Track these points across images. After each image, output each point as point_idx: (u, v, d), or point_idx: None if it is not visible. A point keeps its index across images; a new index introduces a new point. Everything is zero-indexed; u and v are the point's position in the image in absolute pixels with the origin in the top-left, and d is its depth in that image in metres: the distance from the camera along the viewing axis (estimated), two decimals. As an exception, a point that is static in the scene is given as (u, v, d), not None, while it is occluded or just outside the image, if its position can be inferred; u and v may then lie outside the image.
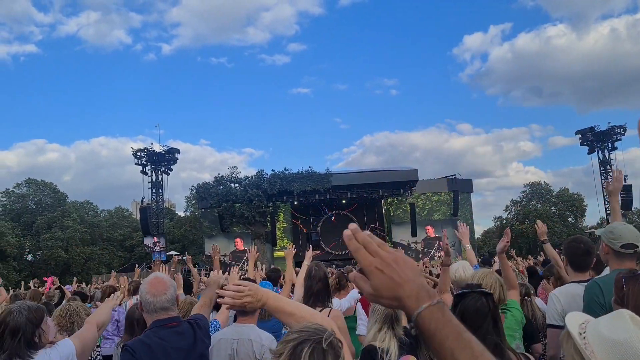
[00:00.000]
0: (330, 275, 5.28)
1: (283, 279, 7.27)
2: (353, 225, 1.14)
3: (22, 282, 16.76)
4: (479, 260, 8.93)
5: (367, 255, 1.11)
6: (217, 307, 5.06)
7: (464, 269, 4.49)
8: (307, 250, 5.20)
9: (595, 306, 3.07)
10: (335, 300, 5.17)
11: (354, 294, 5.80)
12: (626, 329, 1.54)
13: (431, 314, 1.05)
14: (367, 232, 1.13)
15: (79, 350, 3.07)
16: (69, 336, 3.38)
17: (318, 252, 5.23)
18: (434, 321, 1.04)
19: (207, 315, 3.38)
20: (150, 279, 3.00)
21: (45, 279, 12.99)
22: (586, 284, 3.50)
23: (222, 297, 2.10)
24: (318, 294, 4.20)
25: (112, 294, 4.67)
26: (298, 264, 6.51)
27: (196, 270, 7.75)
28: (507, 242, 4.17)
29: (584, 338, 1.61)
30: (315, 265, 4.38)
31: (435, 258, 35.27)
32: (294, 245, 6.25)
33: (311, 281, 4.24)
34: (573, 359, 1.62)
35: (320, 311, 4.10)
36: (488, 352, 1.04)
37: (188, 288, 7.25)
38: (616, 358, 1.52)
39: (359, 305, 5.22)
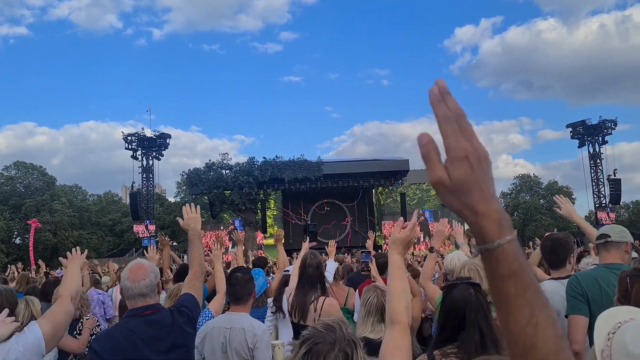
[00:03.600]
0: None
1: (269, 267, 7.26)
2: (442, 82, 0.87)
3: (9, 266, 16.68)
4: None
5: (458, 135, 0.84)
6: (210, 297, 5.05)
7: (459, 258, 4.49)
8: (304, 242, 5.18)
9: (573, 294, 3.21)
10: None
11: (331, 265, 5.79)
12: None
13: (514, 250, 0.84)
14: (458, 103, 0.87)
15: (49, 332, 2.80)
16: None
17: (314, 243, 5.22)
18: (517, 261, 0.84)
19: (198, 289, 3.20)
20: (132, 264, 2.90)
21: (29, 222, 12.68)
22: (563, 280, 3.57)
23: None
24: (312, 281, 4.21)
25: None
26: (287, 251, 6.52)
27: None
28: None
29: (609, 352, 1.50)
30: (310, 253, 4.40)
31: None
32: (282, 231, 6.26)
33: (306, 269, 4.25)
34: None
35: (314, 299, 4.11)
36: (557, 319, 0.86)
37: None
38: None
39: (356, 294, 5.20)
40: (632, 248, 3.53)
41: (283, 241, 5.80)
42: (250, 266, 6.86)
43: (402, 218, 2.41)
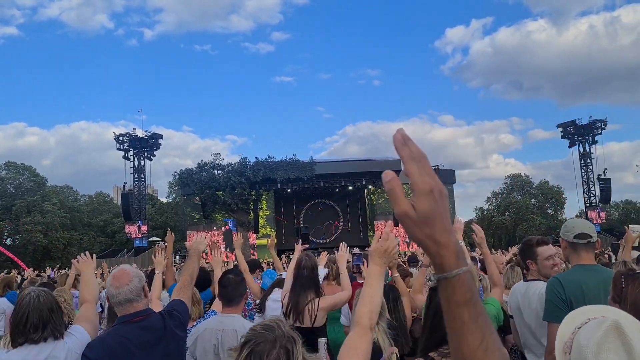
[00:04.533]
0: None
1: (261, 270, 7.25)
2: (402, 130, 0.95)
3: None
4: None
5: (423, 171, 0.91)
6: (213, 298, 5.05)
7: None
8: (297, 245, 5.20)
9: (556, 301, 3.12)
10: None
11: (322, 271, 5.80)
12: (595, 334, 1.48)
13: (469, 280, 0.91)
14: (418, 147, 0.95)
15: (92, 334, 3.03)
16: None
17: (307, 246, 5.24)
18: (470, 290, 0.91)
19: (187, 296, 3.26)
20: (115, 271, 2.89)
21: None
22: (535, 281, 3.67)
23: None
24: (307, 283, 4.22)
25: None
26: (279, 252, 6.48)
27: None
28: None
29: (570, 343, 1.56)
30: (305, 255, 4.41)
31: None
32: (274, 236, 6.24)
33: (301, 271, 4.26)
34: None
35: (308, 300, 4.12)
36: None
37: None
38: None
39: None
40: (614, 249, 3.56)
41: (275, 245, 5.83)
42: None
43: (387, 225, 2.41)
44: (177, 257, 21.56)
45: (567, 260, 3.93)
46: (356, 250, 8.37)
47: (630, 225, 5.57)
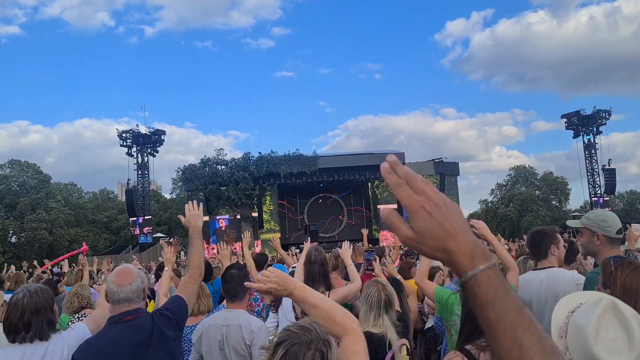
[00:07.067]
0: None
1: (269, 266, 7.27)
2: (392, 157, 0.97)
3: (6, 265, 16.54)
4: None
5: (410, 192, 0.92)
6: (222, 298, 5.04)
7: None
8: (306, 242, 5.18)
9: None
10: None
11: None
12: (592, 314, 1.51)
13: (489, 278, 0.88)
14: (407, 168, 0.95)
15: (93, 332, 3.02)
16: None
17: (316, 243, 5.24)
18: (492, 288, 0.88)
19: (191, 291, 3.10)
20: (119, 269, 2.86)
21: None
22: (545, 270, 3.70)
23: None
24: (318, 277, 4.21)
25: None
26: (284, 246, 6.45)
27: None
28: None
29: (565, 328, 1.59)
30: (314, 249, 4.39)
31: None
32: (275, 236, 6.21)
33: (311, 266, 4.25)
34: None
35: (321, 293, 4.11)
36: (549, 335, 0.89)
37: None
38: (577, 344, 1.51)
39: None
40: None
41: (279, 241, 5.86)
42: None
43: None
44: (182, 254, 21.65)
45: (586, 254, 3.89)
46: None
47: (632, 225, 5.55)
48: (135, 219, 40.78)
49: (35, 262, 12.67)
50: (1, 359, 2.67)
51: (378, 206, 41.17)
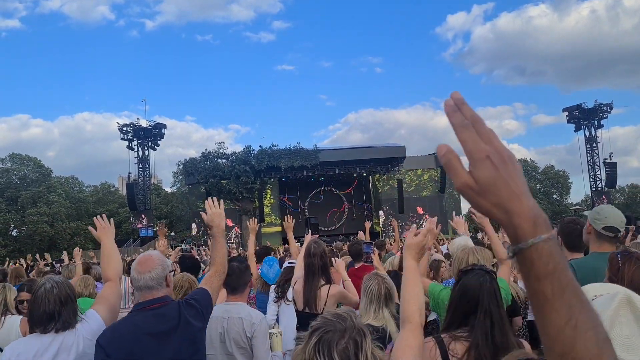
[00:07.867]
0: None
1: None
2: (457, 94, 0.88)
3: (7, 258, 16.57)
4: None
5: (476, 137, 0.83)
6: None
7: (466, 243, 4.50)
8: (307, 235, 5.19)
9: None
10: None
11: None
12: (607, 309, 1.48)
13: (550, 250, 0.80)
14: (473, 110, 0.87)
15: (107, 317, 2.96)
16: None
17: (317, 236, 5.24)
18: (553, 260, 0.80)
19: (216, 286, 3.11)
20: (141, 256, 2.87)
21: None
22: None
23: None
24: (318, 270, 4.22)
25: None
26: (285, 240, 6.43)
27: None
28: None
29: None
30: (314, 242, 4.38)
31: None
32: (292, 218, 6.13)
33: (311, 259, 4.25)
34: None
35: (319, 287, 4.12)
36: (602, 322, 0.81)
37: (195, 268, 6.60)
38: None
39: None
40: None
41: (292, 228, 5.87)
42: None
43: (414, 225, 2.43)
44: (183, 245, 21.70)
45: (586, 244, 3.87)
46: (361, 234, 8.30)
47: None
48: (138, 215, 40.85)
49: (38, 256, 12.72)
50: (20, 350, 2.67)
51: (380, 207, 41.12)
